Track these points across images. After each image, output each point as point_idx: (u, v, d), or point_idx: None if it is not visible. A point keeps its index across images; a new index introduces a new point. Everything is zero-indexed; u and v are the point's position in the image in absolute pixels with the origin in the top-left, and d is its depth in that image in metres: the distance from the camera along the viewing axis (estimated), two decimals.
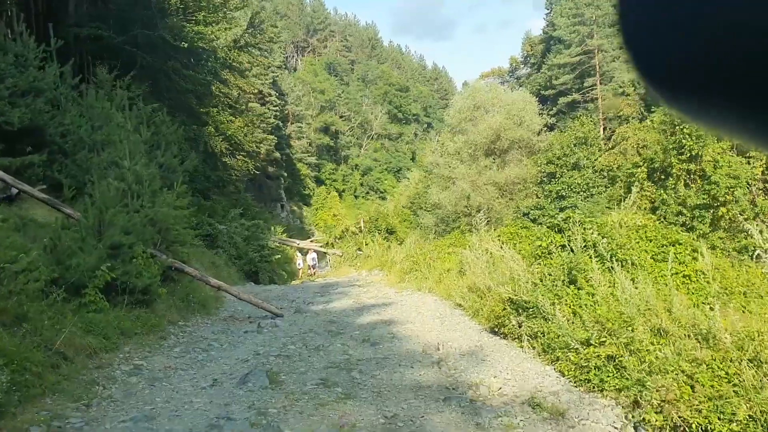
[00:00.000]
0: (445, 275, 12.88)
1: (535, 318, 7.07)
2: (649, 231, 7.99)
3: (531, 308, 7.15)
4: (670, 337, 5.21)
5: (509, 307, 7.63)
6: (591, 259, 7.22)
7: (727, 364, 4.56)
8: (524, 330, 7.17)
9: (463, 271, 11.64)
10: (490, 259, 10.12)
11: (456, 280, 11.59)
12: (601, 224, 7.99)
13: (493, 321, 8.12)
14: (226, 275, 22.16)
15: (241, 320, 11.32)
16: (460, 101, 43.63)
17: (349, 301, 12.97)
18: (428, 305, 11.36)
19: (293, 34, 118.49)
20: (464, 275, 11.30)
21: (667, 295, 6.10)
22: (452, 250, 15.33)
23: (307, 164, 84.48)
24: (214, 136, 31.18)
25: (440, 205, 40.11)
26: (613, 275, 6.95)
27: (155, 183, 12.37)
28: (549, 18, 61.87)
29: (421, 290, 13.59)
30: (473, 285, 9.89)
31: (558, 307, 6.72)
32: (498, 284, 8.50)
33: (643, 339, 5.30)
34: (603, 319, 6.10)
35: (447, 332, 8.69)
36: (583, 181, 23.57)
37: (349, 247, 28.57)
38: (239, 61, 33.12)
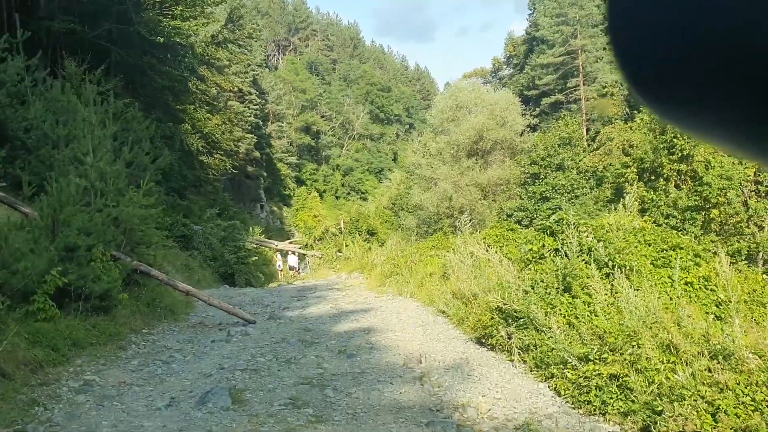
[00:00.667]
0: (428, 279, 12.26)
1: (526, 329, 6.46)
2: (647, 234, 7.41)
3: (522, 318, 6.55)
4: (682, 354, 4.63)
5: (498, 317, 7.02)
6: (587, 265, 6.65)
7: (753, 389, 3.99)
8: (514, 342, 6.56)
9: (446, 275, 11.02)
10: (475, 263, 9.53)
11: (439, 285, 10.98)
12: (597, 227, 7.42)
13: (479, 331, 7.50)
14: (200, 278, 21.44)
15: (210, 327, 10.63)
16: (442, 101, 43.15)
17: (327, 307, 12.31)
18: (410, 312, 10.73)
19: (274, 32, 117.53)
20: (448, 280, 10.69)
21: (673, 305, 5.54)
22: (435, 253, 14.73)
23: (288, 164, 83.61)
24: (190, 133, 30.36)
25: (422, 206, 39.60)
26: (611, 283, 6.38)
27: (121, 181, 11.65)
28: (532, 18, 61.60)
29: (402, 295, 12.95)
30: (458, 291, 9.28)
31: (552, 317, 6.13)
32: (485, 291, 7.90)
33: (651, 356, 4.71)
34: (603, 333, 5.51)
35: (430, 342, 8.06)
36: (567, 183, 23.05)
37: (329, 249, 27.89)
38: (217, 57, 32.35)
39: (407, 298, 12.56)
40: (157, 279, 10.93)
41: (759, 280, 7.65)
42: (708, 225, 16.31)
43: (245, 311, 11.95)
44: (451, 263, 10.80)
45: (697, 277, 6.66)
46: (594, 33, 47.98)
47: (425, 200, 38.88)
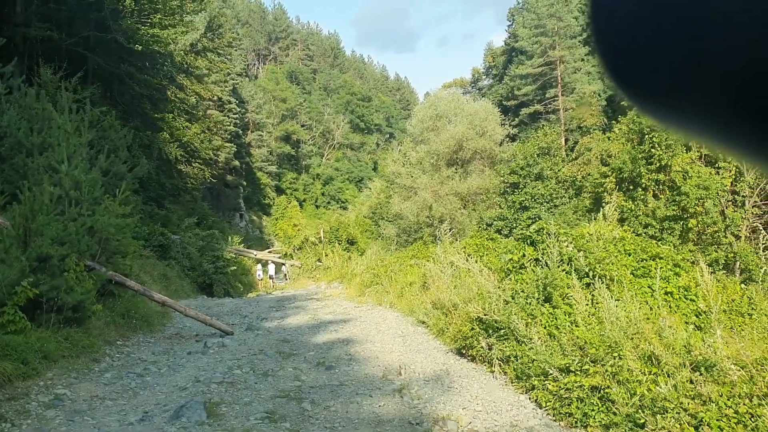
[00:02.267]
0: (408, 289, 12.18)
1: (507, 340, 6.39)
2: (627, 244, 7.38)
3: (503, 329, 6.48)
4: (664, 366, 4.58)
5: (478, 328, 6.94)
6: (568, 274, 6.60)
7: (736, 401, 3.94)
8: (495, 353, 6.48)
9: (426, 285, 10.95)
10: (455, 273, 9.46)
11: (419, 295, 10.90)
12: (577, 236, 7.37)
13: (460, 342, 7.42)
14: (177, 288, 21.19)
15: (187, 338, 10.46)
16: (422, 110, 43.23)
17: (306, 317, 12.18)
18: (389, 322, 10.63)
19: (254, 42, 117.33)
20: (428, 290, 10.61)
21: (654, 315, 5.50)
22: (415, 263, 14.67)
23: (268, 173, 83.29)
24: (168, 142, 30.09)
25: (402, 215, 39.57)
26: (592, 293, 6.34)
27: (96, 189, 11.47)
28: (511, 29, 62.00)
29: (381, 305, 12.87)
30: (437, 301, 9.20)
31: (533, 328, 6.06)
32: (465, 301, 7.83)
33: (632, 368, 4.66)
34: (584, 344, 5.46)
35: (409, 353, 7.96)
36: (546, 192, 23.10)
37: (309, 258, 27.71)
38: (196, 65, 32.14)
39: (387, 308, 12.48)
40: (132, 289, 10.74)
41: (737, 289, 7.66)
42: (686, 234, 16.40)
43: (222, 322, 11.79)
44: (430, 273, 10.73)
45: (677, 287, 6.64)
46: (572, 44, 48.36)
47: (405, 209, 38.86)
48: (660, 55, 0.44)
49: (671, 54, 0.43)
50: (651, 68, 0.45)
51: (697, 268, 6.14)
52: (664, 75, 0.45)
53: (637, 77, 0.47)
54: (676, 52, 0.42)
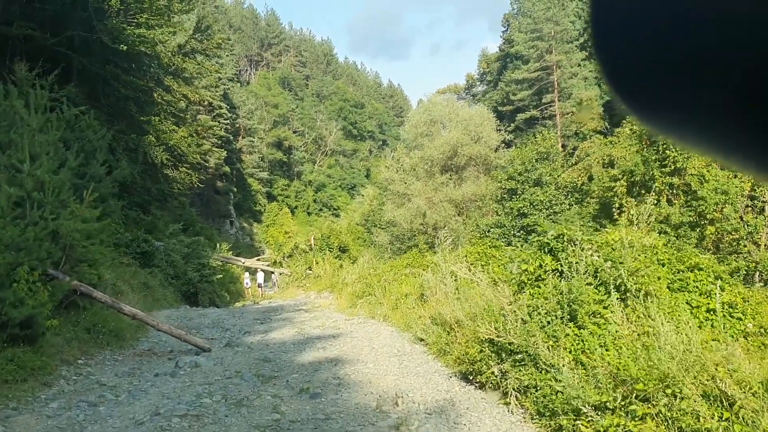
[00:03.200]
0: (403, 301, 11.17)
1: (524, 366, 5.39)
2: (661, 253, 6.40)
3: (519, 353, 5.48)
4: (738, 409, 3.60)
5: (488, 350, 5.95)
6: (596, 288, 5.63)
7: None
8: (510, 382, 5.47)
9: (424, 297, 9.95)
10: (458, 285, 8.49)
11: (416, 309, 9.89)
12: (604, 244, 6.38)
13: (466, 365, 6.40)
14: (159, 297, 20.16)
15: (159, 356, 9.43)
16: (416, 116, 42.39)
17: (292, 331, 11.15)
18: (383, 338, 9.60)
19: (247, 47, 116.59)
20: (426, 302, 9.61)
21: (707, 337, 4.53)
22: (410, 272, 13.68)
23: (259, 179, 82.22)
24: (154, 146, 29.01)
25: (395, 222, 38.68)
26: (623, 310, 5.37)
27: (64, 191, 10.43)
28: (506, 35, 61.30)
29: (374, 318, 11.84)
30: (438, 316, 8.20)
31: (556, 352, 5.08)
32: (470, 317, 6.84)
33: (698, 411, 3.67)
34: (626, 375, 4.46)
35: (407, 377, 6.95)
36: (545, 198, 22.15)
37: (299, 266, 26.67)
38: (184, 67, 31.07)
39: (380, 321, 11.46)
40: (99, 301, 9.71)
41: None
42: (702, 242, 15.44)
43: (200, 337, 10.77)
44: (429, 284, 9.73)
45: (722, 303, 5.66)
46: (569, 48, 47.56)
47: (398, 216, 37.96)
48: (661, 65, 0.43)
49: (673, 64, 0.42)
50: (652, 78, 0.45)
51: None
52: (665, 85, 0.44)
53: (638, 88, 0.46)
54: (678, 63, 0.42)
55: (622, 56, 0.47)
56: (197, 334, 11.91)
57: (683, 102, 0.44)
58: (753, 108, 0.39)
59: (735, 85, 0.39)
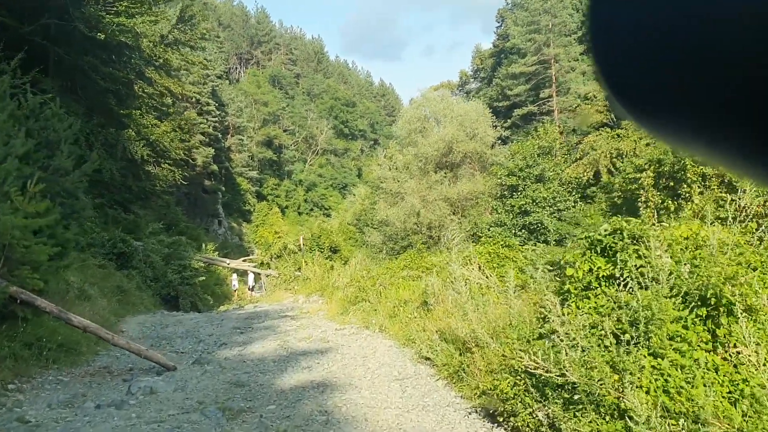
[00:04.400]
0: (402, 309, 9.71)
1: (581, 410, 3.95)
2: (749, 255, 4.89)
3: (576, 393, 4.04)
4: None
5: (525, 383, 4.50)
6: (669, 299, 4.20)
7: None
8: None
9: (428, 305, 8.49)
10: (471, 293, 7.05)
11: (418, 319, 8.43)
12: (673, 241, 4.91)
13: (494, 402, 4.93)
14: (136, 301, 18.68)
15: (115, 375, 7.96)
16: (410, 111, 40.98)
17: (274, 344, 9.68)
18: (380, 354, 8.14)
19: (236, 45, 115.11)
20: (430, 312, 8.16)
21: None
22: (408, 274, 12.26)
23: (248, 179, 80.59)
24: (134, 140, 27.44)
25: (388, 222, 37.28)
26: (711, 329, 3.96)
27: (9, 182, 8.94)
28: (500, 30, 59.91)
29: (369, 328, 10.37)
30: (447, 330, 6.76)
31: (629, 391, 3.64)
32: (492, 334, 5.40)
33: None
34: (729, 426, 3.04)
35: (413, 412, 5.49)
36: (549, 195, 20.72)
37: (287, 268, 25.17)
38: (166, 58, 29.52)
39: (375, 332, 9.99)
40: (44, 311, 8.21)
41: None
42: None
43: (169, 351, 9.33)
44: (434, 290, 8.28)
45: None
46: (567, 42, 46.13)
47: (391, 216, 36.57)
48: (660, 67, 0.43)
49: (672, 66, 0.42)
50: (651, 84, 0.44)
51: None
52: (665, 91, 0.43)
53: (636, 90, 0.46)
54: (677, 65, 0.42)
55: (620, 58, 0.46)
56: (167, 346, 10.46)
57: (683, 105, 0.42)
58: (755, 111, 0.38)
59: (736, 89, 0.38)
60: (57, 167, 15.00)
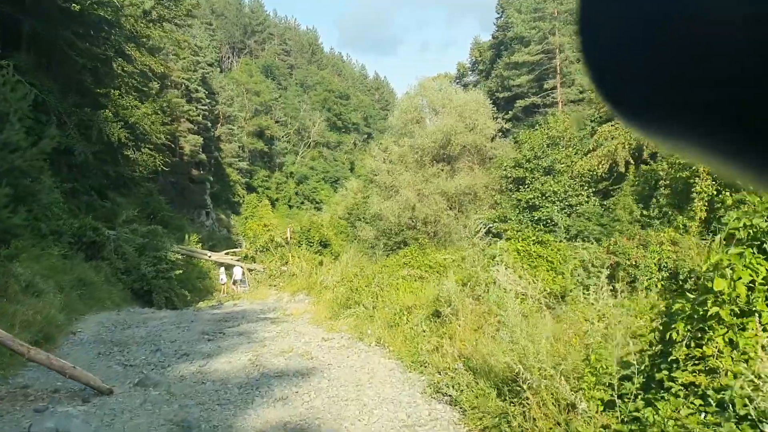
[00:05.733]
0: (405, 318, 7.81)
1: None
2: None
3: None
4: None
5: None
6: None
7: None
8: None
9: (442, 317, 6.57)
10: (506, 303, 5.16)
11: (430, 334, 6.53)
12: None
13: None
14: (103, 296, 16.73)
15: (30, 401, 6.06)
16: (407, 100, 39.08)
17: (245, 359, 7.77)
18: (380, 382, 6.22)
19: (229, 34, 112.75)
20: (446, 326, 6.27)
21: None
22: (409, 273, 10.37)
23: (238, 170, 78.54)
24: (111, 122, 25.39)
25: (382, 216, 35.44)
26: None
27: None
28: (500, 21, 58.05)
29: (363, 339, 8.44)
30: (477, 357, 4.87)
31: None
32: (562, 372, 3.53)
33: None
34: None
35: None
36: (560, 189, 18.79)
37: (273, 262, 23.24)
38: (148, 35, 27.52)
39: (371, 345, 8.07)
40: None
41: None
42: None
43: (108, 367, 7.43)
44: (449, 297, 6.39)
45: None
46: (574, 30, 44.23)
47: (385, 209, 34.73)
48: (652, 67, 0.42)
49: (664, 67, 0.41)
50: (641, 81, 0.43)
51: None
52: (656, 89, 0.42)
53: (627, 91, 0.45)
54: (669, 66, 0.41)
55: (609, 58, 0.44)
56: (117, 355, 8.54)
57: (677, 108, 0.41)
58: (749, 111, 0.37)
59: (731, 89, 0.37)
60: (6, 142, 13.09)
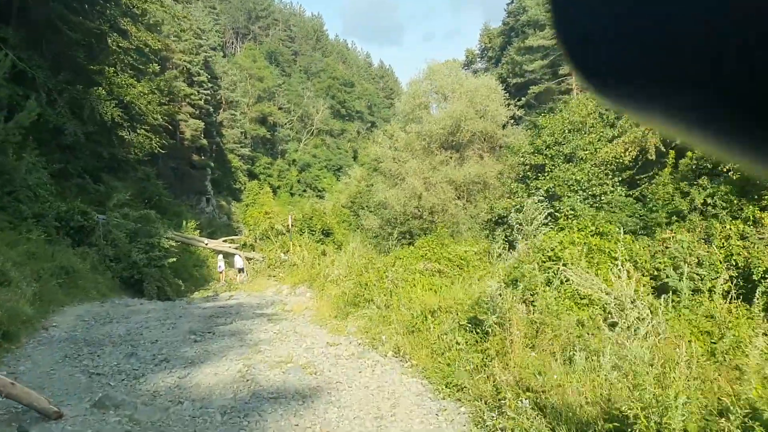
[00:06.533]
0: (429, 322, 6.41)
1: None
2: None
3: None
4: None
5: None
6: None
7: None
8: None
9: (484, 327, 5.16)
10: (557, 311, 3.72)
11: (463, 349, 5.13)
12: None
13: None
14: (88, 285, 15.35)
15: None
16: (415, 85, 37.54)
17: (233, 370, 6.40)
18: (405, 410, 4.81)
19: (233, 19, 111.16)
20: (491, 339, 4.88)
21: None
22: (426, 267, 9.00)
23: (240, 156, 77.16)
24: (105, 100, 23.96)
25: (386, 204, 33.99)
26: None
27: None
28: (511, 7, 56.42)
29: (377, 347, 7.02)
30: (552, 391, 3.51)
31: None
32: None
33: None
34: None
35: None
36: (584, 177, 17.30)
37: (273, 251, 21.86)
38: (144, 8, 26.04)
39: (388, 356, 6.68)
40: None
41: None
42: None
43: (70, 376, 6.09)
44: (497, 305, 4.99)
45: None
46: None
47: (390, 198, 33.30)
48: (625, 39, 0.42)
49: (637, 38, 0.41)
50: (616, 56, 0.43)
51: None
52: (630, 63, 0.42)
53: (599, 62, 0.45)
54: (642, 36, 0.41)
55: (582, 29, 0.45)
56: (86, 359, 7.20)
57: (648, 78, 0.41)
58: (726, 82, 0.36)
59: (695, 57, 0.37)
60: None
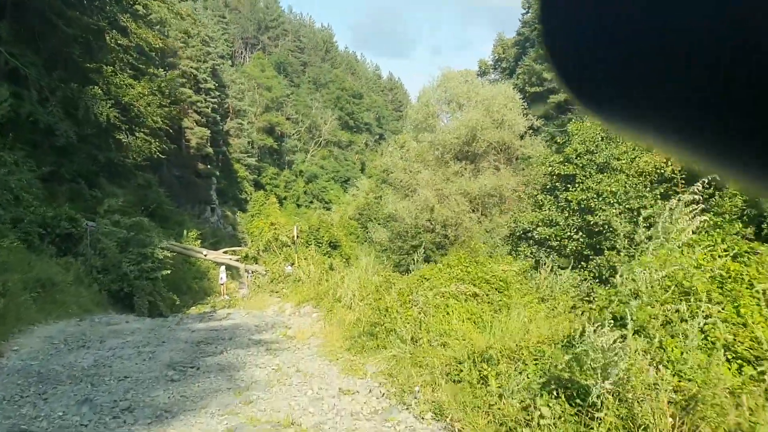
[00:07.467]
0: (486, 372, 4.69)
1: None
2: None
3: None
4: None
5: None
6: None
7: None
8: None
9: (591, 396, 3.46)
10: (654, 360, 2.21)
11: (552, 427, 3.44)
12: None
13: None
14: (69, 300, 13.64)
15: None
16: (428, 92, 35.97)
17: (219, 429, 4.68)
18: None
19: (243, 29, 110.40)
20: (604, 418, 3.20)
21: None
22: (458, 290, 7.28)
23: (246, 166, 75.80)
24: (101, 99, 22.41)
25: (396, 217, 32.31)
26: None
27: None
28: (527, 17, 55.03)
29: (409, 404, 5.25)
30: None
31: None
32: None
33: None
34: None
35: None
36: (620, 189, 15.56)
37: (276, 264, 20.19)
38: (145, 4, 24.60)
39: (426, 416, 4.92)
40: None
41: None
42: None
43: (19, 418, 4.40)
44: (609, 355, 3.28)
45: None
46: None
47: (401, 210, 31.67)
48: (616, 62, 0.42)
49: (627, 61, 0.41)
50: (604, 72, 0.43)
51: None
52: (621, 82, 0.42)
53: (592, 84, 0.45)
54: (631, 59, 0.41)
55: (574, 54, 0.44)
56: (27, 405, 5.51)
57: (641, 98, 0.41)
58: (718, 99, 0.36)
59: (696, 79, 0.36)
60: None
